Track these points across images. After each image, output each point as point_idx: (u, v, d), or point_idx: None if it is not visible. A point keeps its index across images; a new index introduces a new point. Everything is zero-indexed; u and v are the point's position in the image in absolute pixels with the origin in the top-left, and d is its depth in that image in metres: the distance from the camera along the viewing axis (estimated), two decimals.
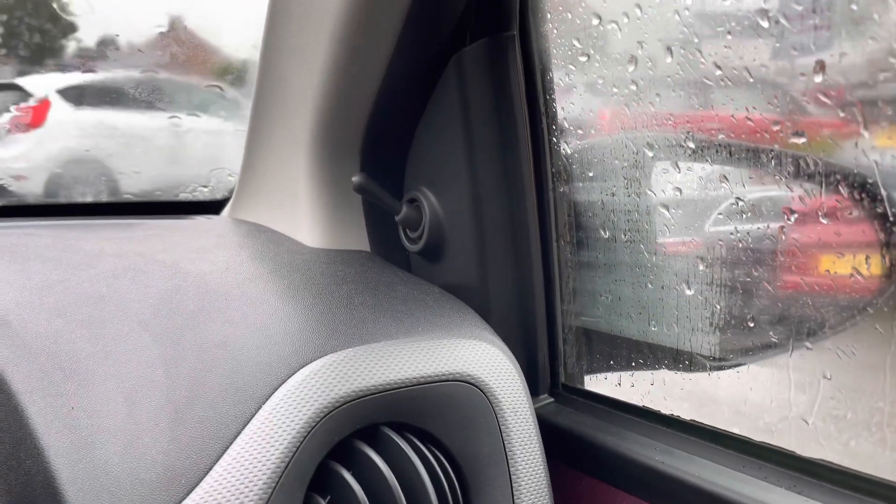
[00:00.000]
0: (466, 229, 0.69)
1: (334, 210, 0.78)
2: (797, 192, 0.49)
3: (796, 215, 0.49)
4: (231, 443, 0.52)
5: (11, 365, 0.56)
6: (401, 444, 0.56)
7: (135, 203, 1.06)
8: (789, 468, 0.53)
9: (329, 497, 0.55)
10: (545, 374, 0.74)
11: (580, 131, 0.63)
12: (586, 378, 0.73)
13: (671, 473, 0.59)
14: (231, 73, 1.28)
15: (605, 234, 0.63)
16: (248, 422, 0.53)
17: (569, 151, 0.64)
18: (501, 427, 0.60)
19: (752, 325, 0.53)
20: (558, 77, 0.63)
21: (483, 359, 0.61)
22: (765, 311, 0.52)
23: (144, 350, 0.58)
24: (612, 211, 0.61)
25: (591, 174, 0.63)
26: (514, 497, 0.59)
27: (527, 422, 0.61)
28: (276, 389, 0.54)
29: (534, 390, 0.73)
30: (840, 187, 0.48)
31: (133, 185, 1.17)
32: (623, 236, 0.61)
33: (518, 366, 0.64)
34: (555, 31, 0.61)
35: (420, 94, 0.68)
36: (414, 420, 0.58)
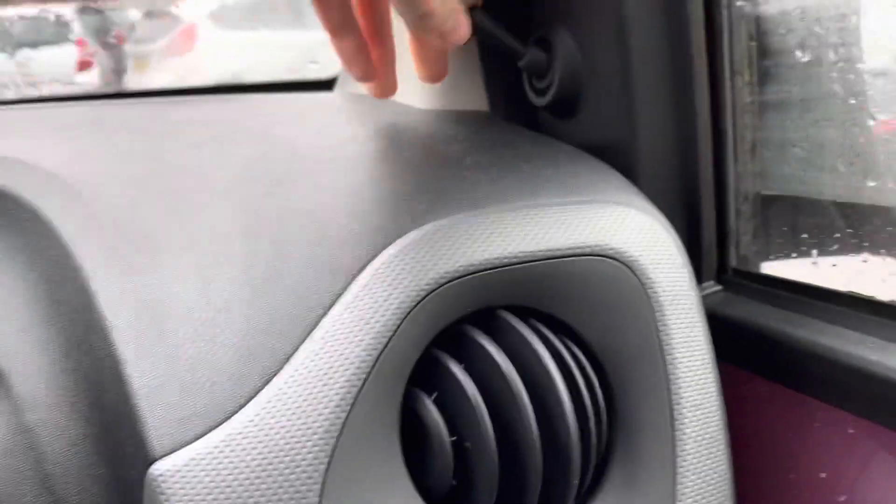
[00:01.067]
0: (609, 70, 0.54)
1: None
2: None
3: None
4: (315, 326, 0.42)
5: (80, 238, 0.50)
6: (523, 331, 0.44)
7: (241, 85, 0.98)
8: None
9: (436, 394, 0.44)
10: (711, 255, 0.58)
11: None
12: (767, 261, 0.57)
13: (890, 376, 0.44)
14: None
15: (805, 56, 0.46)
16: (335, 302, 0.43)
17: None
18: (657, 314, 0.46)
19: None
20: None
21: (631, 228, 0.47)
22: None
23: (223, 221, 0.49)
24: (816, 20, 0.44)
25: None
26: (673, 404, 0.46)
27: (690, 308, 0.47)
28: (368, 263, 0.43)
29: (697, 276, 0.58)
30: None
31: None
32: (831, 55, 0.44)
33: (679, 241, 0.49)
34: None
35: None
36: (541, 304, 0.46)
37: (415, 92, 0.68)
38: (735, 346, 0.55)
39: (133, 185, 0.54)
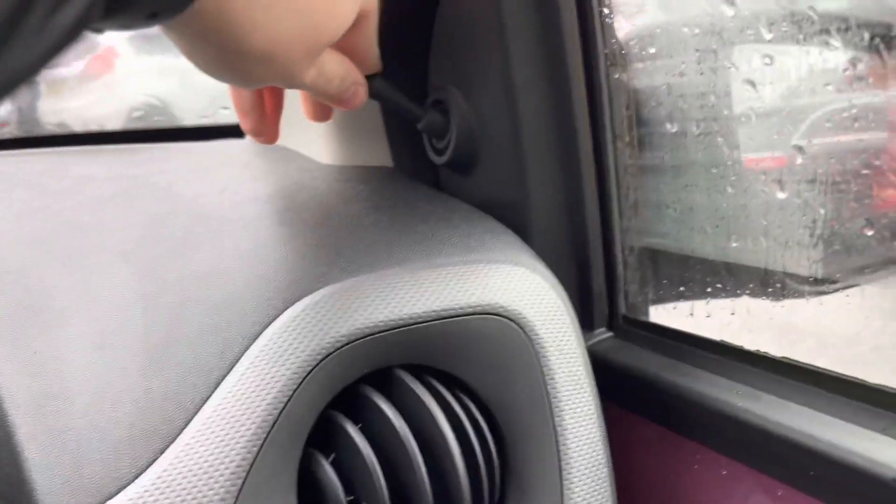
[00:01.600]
0: (501, 133, 0.57)
1: (350, 123, 0.67)
2: None
3: None
4: (212, 392, 0.43)
5: None
6: (418, 390, 0.46)
7: (153, 130, 0.97)
8: None
9: (333, 455, 0.46)
10: (602, 304, 0.62)
11: None
12: (651, 308, 0.61)
13: (755, 422, 0.47)
14: None
15: (673, 127, 0.50)
16: (233, 366, 0.44)
17: (624, 23, 0.51)
18: (543, 368, 0.49)
19: (869, 232, 0.40)
20: None
21: (520, 286, 0.50)
22: (887, 215, 0.39)
23: (122, 285, 0.50)
24: (680, 96, 0.48)
25: (652, 51, 0.50)
26: (560, 451, 0.49)
27: (575, 361, 0.50)
28: (266, 328, 0.45)
29: (588, 324, 0.62)
30: None
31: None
32: (694, 128, 0.48)
33: (565, 295, 0.52)
34: None
35: None
36: (436, 361, 0.48)
37: (322, 146, 0.70)
38: (624, 390, 0.58)
39: (31, 245, 0.54)
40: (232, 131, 0.96)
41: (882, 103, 0.39)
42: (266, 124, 0.53)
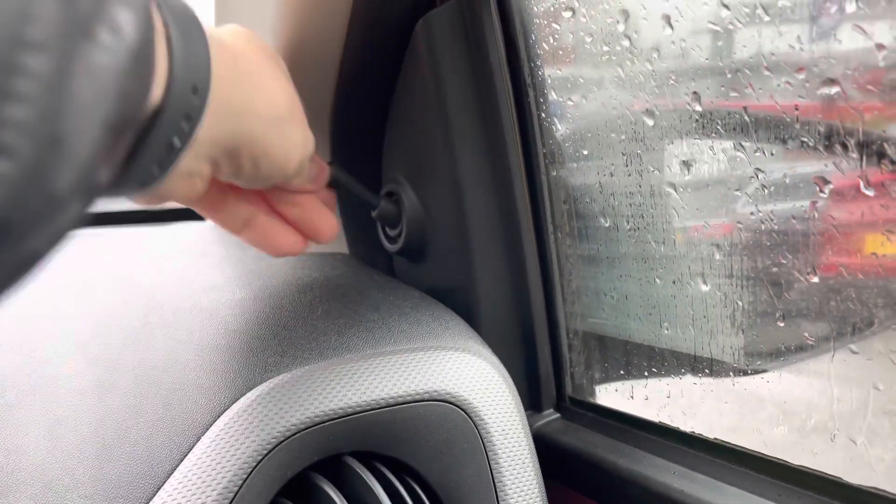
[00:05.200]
0: (449, 224, 0.61)
1: None
2: (832, 159, 0.39)
3: (831, 186, 0.39)
4: (163, 483, 0.44)
5: None
6: (366, 477, 0.48)
7: (117, 213, 0.99)
8: (834, 497, 0.43)
9: None
10: (549, 386, 0.64)
11: (570, 101, 0.54)
12: (597, 390, 0.64)
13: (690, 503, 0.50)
14: None
15: (606, 222, 0.54)
16: (184, 457, 0.45)
17: (560, 127, 0.55)
18: (488, 452, 0.51)
19: (781, 323, 0.43)
20: (543, 39, 0.54)
21: (465, 373, 0.52)
22: (797, 306, 0.42)
23: (77, 376, 0.51)
24: (611, 194, 0.52)
25: (585, 152, 0.54)
26: None
27: (519, 445, 0.52)
28: (218, 417, 0.46)
29: (537, 405, 0.64)
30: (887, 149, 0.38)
31: None
32: (625, 224, 0.52)
33: (510, 380, 0.55)
34: None
35: (387, 69, 0.60)
36: (384, 448, 0.50)
37: None
38: (570, 470, 0.60)
39: None
40: (193, 213, 0.98)
41: (785, 211, 0.43)
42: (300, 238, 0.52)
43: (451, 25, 0.54)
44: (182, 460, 0.45)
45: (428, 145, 0.60)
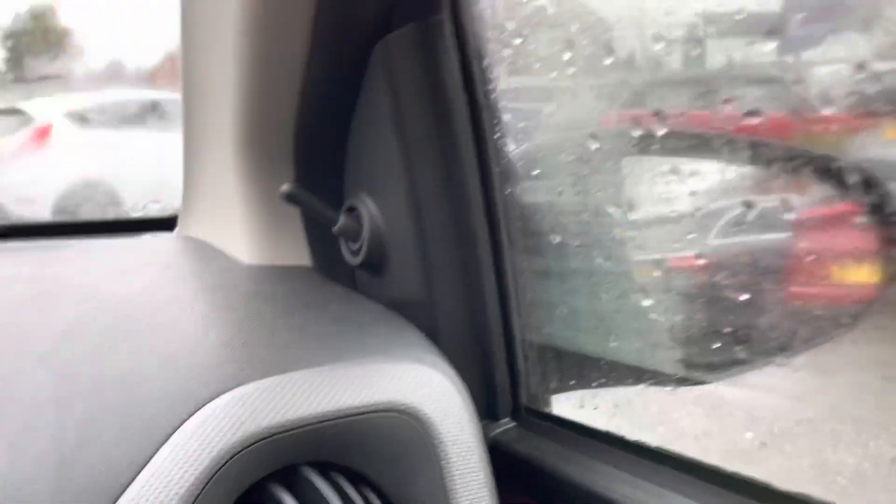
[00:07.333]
0: (408, 239, 0.62)
1: (271, 223, 0.71)
2: (757, 178, 0.42)
3: (758, 209, 0.41)
4: (121, 493, 0.45)
5: None
6: (321, 486, 0.49)
7: (86, 223, 1.00)
8: (765, 502, 0.46)
9: None
10: (505, 396, 0.66)
11: (521, 124, 0.56)
12: (551, 399, 0.66)
13: None
14: None
15: (555, 238, 0.56)
16: (141, 470, 0.46)
17: (513, 147, 0.57)
18: (442, 462, 0.53)
19: (714, 338, 0.46)
20: (497, 63, 0.56)
21: (420, 384, 0.54)
22: (730, 324, 0.45)
23: (38, 388, 0.52)
24: (559, 213, 0.54)
25: (536, 172, 0.56)
26: None
27: (472, 454, 0.54)
28: (178, 429, 0.47)
29: (493, 415, 0.66)
30: (812, 174, 0.40)
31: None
32: (572, 241, 0.54)
33: (464, 391, 0.56)
34: (489, 12, 0.54)
35: (348, 89, 0.62)
36: (340, 458, 0.51)
37: (245, 245, 0.74)
38: (525, 478, 0.62)
39: None
40: (160, 224, 0.99)
41: (721, 230, 0.45)
42: None
43: (408, 48, 0.56)
44: (140, 471, 0.46)
45: (388, 162, 0.62)
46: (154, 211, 1.01)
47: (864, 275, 0.44)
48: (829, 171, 0.42)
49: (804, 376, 0.43)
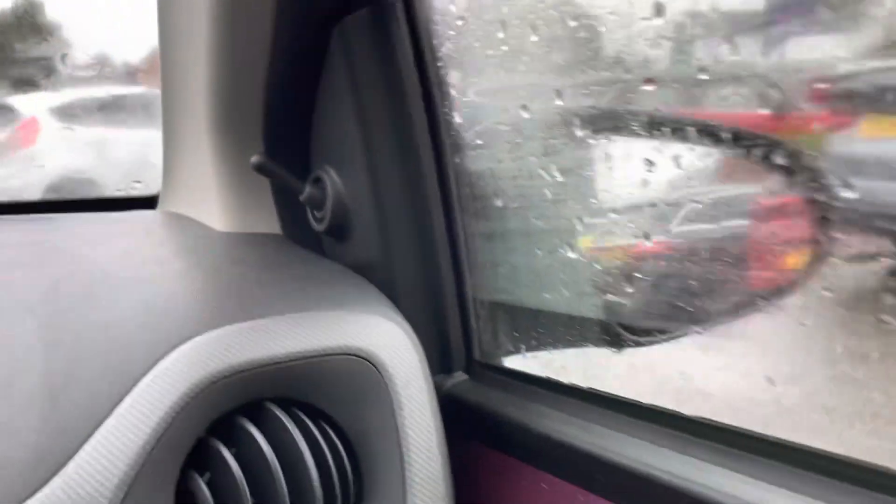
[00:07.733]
0: (368, 206, 0.68)
1: (243, 196, 0.77)
2: (685, 146, 0.48)
3: (691, 173, 0.47)
4: (101, 423, 0.51)
5: None
6: (284, 420, 0.55)
7: (69, 201, 1.05)
8: (699, 435, 0.51)
9: (208, 475, 0.53)
10: (459, 350, 0.72)
11: (465, 98, 0.62)
12: (501, 353, 0.72)
13: (589, 450, 0.57)
14: None
15: (498, 202, 0.62)
16: (121, 401, 0.52)
17: (460, 120, 0.63)
18: (394, 402, 0.59)
19: (635, 289, 0.52)
20: (445, 44, 0.62)
21: (376, 333, 0.60)
22: (656, 275, 0.51)
23: (26, 335, 0.57)
24: (500, 178, 0.60)
25: (480, 142, 0.62)
26: (405, 472, 0.58)
27: (421, 396, 0.60)
28: (152, 367, 0.53)
29: (447, 368, 0.72)
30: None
31: None
32: (512, 203, 0.60)
33: (416, 340, 0.62)
34: None
35: (311, 67, 0.67)
36: (302, 395, 0.57)
37: (219, 215, 0.79)
38: (480, 426, 0.68)
39: None
40: (143, 203, 1.04)
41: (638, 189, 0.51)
42: None
43: (363, 29, 0.62)
44: (118, 403, 0.51)
45: (349, 136, 0.68)
46: (137, 190, 1.06)
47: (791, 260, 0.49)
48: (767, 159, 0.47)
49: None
